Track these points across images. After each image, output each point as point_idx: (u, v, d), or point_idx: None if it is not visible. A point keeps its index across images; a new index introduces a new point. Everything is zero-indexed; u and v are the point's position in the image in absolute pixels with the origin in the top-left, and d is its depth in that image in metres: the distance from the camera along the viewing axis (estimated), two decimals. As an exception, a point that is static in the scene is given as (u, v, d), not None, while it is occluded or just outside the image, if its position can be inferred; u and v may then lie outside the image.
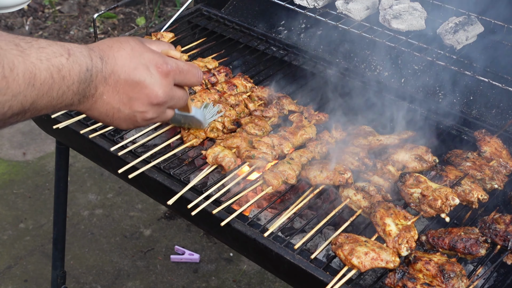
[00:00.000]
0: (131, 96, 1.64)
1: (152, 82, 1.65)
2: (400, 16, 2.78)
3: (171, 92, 1.71)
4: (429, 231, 2.04)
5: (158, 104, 1.69)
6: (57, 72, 1.45)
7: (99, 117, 1.66)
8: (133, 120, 1.70)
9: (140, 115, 1.69)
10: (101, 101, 1.62)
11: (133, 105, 1.66)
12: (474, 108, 2.62)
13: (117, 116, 1.67)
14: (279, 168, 2.28)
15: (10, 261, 4.04)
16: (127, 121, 1.70)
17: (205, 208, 2.17)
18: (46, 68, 1.42)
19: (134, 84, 1.63)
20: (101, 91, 1.60)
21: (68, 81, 1.48)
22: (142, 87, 1.64)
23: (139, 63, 1.64)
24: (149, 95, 1.66)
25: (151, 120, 1.73)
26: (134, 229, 4.27)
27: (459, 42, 2.64)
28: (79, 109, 1.60)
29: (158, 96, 1.67)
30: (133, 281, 3.92)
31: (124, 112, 1.66)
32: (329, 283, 1.92)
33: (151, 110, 1.70)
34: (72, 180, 4.62)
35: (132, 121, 1.71)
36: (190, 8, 3.32)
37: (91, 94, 1.58)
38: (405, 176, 2.18)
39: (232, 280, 3.94)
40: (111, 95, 1.62)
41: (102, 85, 1.59)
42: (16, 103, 1.38)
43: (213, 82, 2.72)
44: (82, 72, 1.51)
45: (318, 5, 2.96)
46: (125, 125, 1.71)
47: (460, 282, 1.86)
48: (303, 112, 2.59)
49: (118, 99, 1.64)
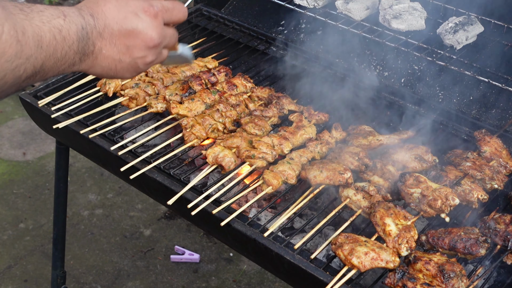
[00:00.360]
0: (128, 44, 1.71)
1: (145, 27, 1.72)
2: (400, 16, 2.78)
3: (163, 32, 1.78)
4: (429, 231, 2.04)
5: (154, 46, 1.76)
6: (59, 33, 1.52)
7: (102, 72, 1.73)
8: (135, 67, 1.77)
9: (141, 61, 1.76)
10: (101, 56, 1.68)
11: (133, 53, 1.73)
12: (474, 108, 2.62)
13: (120, 67, 1.74)
14: (279, 168, 2.28)
15: (10, 261, 4.04)
16: (130, 69, 1.77)
17: (205, 208, 2.17)
18: (48, 30, 1.49)
19: (128, 32, 1.70)
20: (99, 46, 1.67)
21: (68, 41, 1.55)
22: (136, 34, 1.71)
23: (128, 12, 1.71)
24: (145, 40, 1.73)
25: (151, 63, 1.80)
26: (134, 229, 4.27)
27: (459, 42, 2.64)
28: (82, 68, 1.67)
29: (153, 39, 1.74)
30: (133, 281, 3.92)
31: (126, 61, 1.73)
32: (329, 283, 1.92)
33: (149, 53, 1.77)
34: (72, 180, 4.62)
35: (134, 69, 1.78)
36: (190, 8, 3.32)
37: (90, 51, 1.64)
38: (405, 176, 2.18)
39: (232, 280, 3.94)
40: (109, 48, 1.69)
41: (98, 41, 1.66)
42: (29, 66, 1.46)
43: (213, 82, 2.72)
44: (79, 31, 1.58)
45: (318, 5, 2.96)
46: (128, 74, 1.78)
47: (460, 282, 1.86)
48: (303, 112, 2.59)
49: (116, 50, 1.70)
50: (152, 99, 2.60)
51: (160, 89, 2.66)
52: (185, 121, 2.47)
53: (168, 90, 2.63)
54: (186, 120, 2.47)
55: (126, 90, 2.64)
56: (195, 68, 2.81)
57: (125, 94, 2.63)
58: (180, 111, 2.53)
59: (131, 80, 2.70)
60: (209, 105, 2.59)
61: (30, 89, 2.77)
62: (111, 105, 2.63)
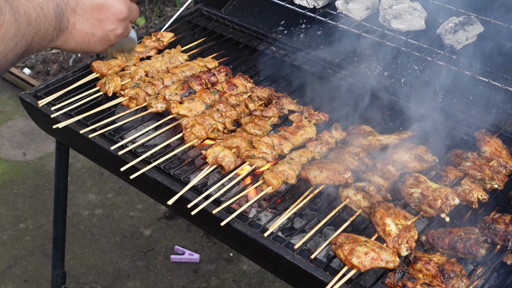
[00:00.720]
0: (100, 18, 1.85)
1: (114, 1, 1.86)
2: (400, 16, 2.78)
3: (130, 5, 1.93)
4: (429, 231, 2.04)
5: (124, 18, 1.91)
6: (41, 10, 1.63)
7: (76, 47, 1.84)
8: (106, 39, 1.91)
9: (112, 33, 1.90)
10: (75, 31, 1.80)
11: (104, 26, 1.87)
12: (474, 108, 2.62)
13: (93, 40, 1.87)
14: (279, 168, 2.28)
15: (10, 261, 4.04)
16: (102, 42, 1.90)
17: (205, 208, 2.17)
18: (33, 8, 1.60)
19: (99, 7, 1.83)
20: (73, 22, 1.79)
21: (48, 18, 1.67)
22: (107, 8, 1.85)
23: None
24: (115, 13, 1.88)
25: (121, 36, 1.95)
26: (134, 229, 4.27)
27: (459, 42, 2.64)
28: (58, 44, 1.77)
29: (123, 11, 1.89)
30: (133, 281, 3.92)
31: (98, 34, 1.86)
32: (329, 283, 1.92)
33: (119, 25, 1.91)
34: (72, 180, 4.62)
35: (106, 41, 1.91)
36: (190, 8, 3.32)
37: (65, 26, 1.76)
38: (405, 176, 2.18)
39: (232, 280, 3.94)
40: (82, 23, 1.81)
41: (72, 16, 1.78)
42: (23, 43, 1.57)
43: (213, 82, 2.72)
44: (55, 8, 1.70)
45: (318, 5, 2.96)
46: (100, 47, 1.91)
47: (460, 282, 1.86)
48: (303, 112, 2.59)
49: (89, 24, 1.83)
50: (152, 99, 2.60)
51: (160, 89, 2.66)
52: (185, 121, 2.47)
53: (168, 90, 2.63)
54: (186, 120, 2.47)
55: (126, 90, 2.65)
56: (195, 68, 2.81)
57: (125, 94, 2.63)
58: (180, 111, 2.53)
59: (131, 80, 2.70)
60: (209, 105, 2.59)
61: (30, 89, 2.77)
62: (111, 105, 2.63)
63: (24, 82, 5.44)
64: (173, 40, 3.01)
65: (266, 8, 3.26)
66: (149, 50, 2.93)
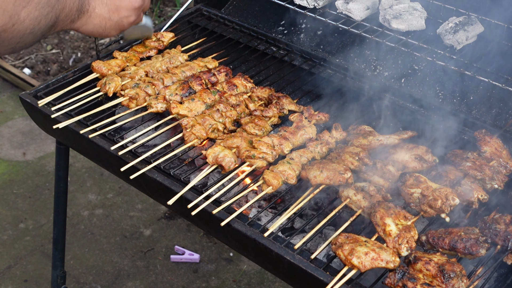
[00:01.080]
0: (118, 4, 2.05)
1: None
2: (400, 16, 2.78)
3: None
4: (429, 231, 2.04)
5: (138, 7, 2.11)
6: None
7: (93, 30, 2.01)
8: (120, 25, 2.10)
9: (126, 20, 2.10)
10: (94, 15, 1.96)
11: (120, 12, 2.06)
12: (474, 108, 2.62)
13: (109, 25, 2.04)
14: (279, 168, 2.28)
15: (10, 261, 4.04)
16: (116, 27, 2.08)
17: (205, 208, 2.17)
18: None
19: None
20: (93, 6, 1.95)
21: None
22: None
23: None
24: (131, 1, 2.09)
25: (133, 23, 2.15)
26: (134, 229, 4.28)
27: (459, 42, 2.64)
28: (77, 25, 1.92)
29: (138, 0, 2.11)
30: (133, 281, 3.92)
31: (114, 19, 2.05)
32: (329, 283, 1.92)
33: (133, 13, 2.11)
34: (72, 180, 4.62)
35: (119, 27, 2.10)
36: (190, 8, 3.32)
37: (86, 9, 1.91)
38: (405, 176, 2.18)
39: (232, 280, 3.94)
40: (101, 7, 1.99)
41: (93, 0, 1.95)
42: (53, 15, 1.70)
43: (213, 82, 2.72)
44: None
45: (318, 5, 2.96)
46: (114, 32, 2.09)
47: (460, 282, 1.86)
48: (303, 112, 2.59)
49: (107, 9, 2.01)
50: (152, 99, 2.60)
51: (160, 89, 2.66)
52: (185, 121, 2.47)
53: (168, 90, 2.63)
54: (186, 120, 2.47)
55: (126, 90, 2.65)
56: (195, 68, 2.81)
57: (125, 94, 2.63)
58: (180, 111, 2.53)
59: (131, 80, 2.70)
60: (209, 105, 2.59)
61: (30, 89, 2.77)
62: (111, 105, 2.63)
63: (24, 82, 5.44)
64: (173, 40, 3.01)
65: (266, 8, 3.26)
66: (149, 50, 2.93)
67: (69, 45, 5.98)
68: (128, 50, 2.92)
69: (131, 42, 2.94)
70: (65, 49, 5.94)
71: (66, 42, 6.03)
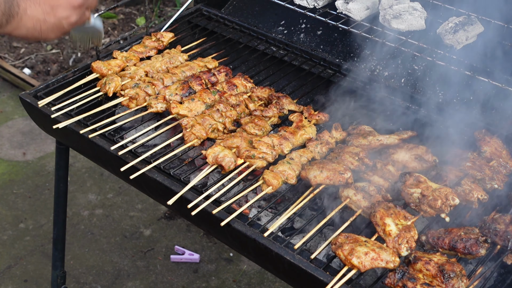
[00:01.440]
0: (53, 4, 1.79)
1: None
2: (400, 16, 2.77)
3: None
4: (429, 231, 2.04)
5: (79, 6, 1.85)
6: None
7: (27, 33, 1.78)
8: (59, 27, 1.84)
9: (66, 21, 1.83)
10: (26, 17, 1.75)
11: (57, 13, 1.80)
12: (474, 108, 2.62)
13: (45, 28, 1.80)
14: (279, 168, 2.28)
15: (10, 261, 4.04)
16: (55, 30, 1.84)
17: (205, 208, 2.17)
18: None
19: None
20: (24, 7, 1.74)
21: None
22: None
23: None
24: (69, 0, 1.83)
25: (75, 23, 1.88)
26: (134, 229, 4.27)
27: (459, 42, 2.64)
28: (8, 30, 1.73)
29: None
30: (133, 281, 3.92)
31: (50, 21, 1.80)
32: (329, 283, 1.92)
33: (73, 13, 1.84)
34: (72, 180, 4.61)
35: (59, 29, 1.84)
36: (190, 8, 3.32)
37: (15, 12, 1.72)
38: (405, 176, 2.18)
39: (232, 280, 3.94)
40: (33, 8, 1.76)
41: (23, 2, 1.74)
42: None
43: (213, 82, 2.72)
44: None
45: (318, 5, 2.96)
46: (53, 34, 1.84)
47: (460, 282, 1.86)
48: (303, 112, 2.59)
49: (41, 10, 1.77)
50: (152, 99, 2.60)
51: (160, 89, 2.66)
52: (185, 121, 2.47)
53: (168, 90, 2.63)
54: (186, 120, 2.47)
55: (126, 90, 2.65)
56: (195, 68, 2.81)
57: (125, 94, 2.63)
58: (180, 111, 2.53)
59: (131, 80, 2.70)
60: (209, 105, 2.59)
61: (30, 89, 2.77)
62: (111, 105, 2.63)
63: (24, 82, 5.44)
64: (173, 40, 3.01)
65: (266, 8, 3.26)
66: (149, 50, 2.93)
67: (69, 45, 5.98)
68: (128, 50, 2.92)
69: (85, 47, 2.83)
70: (65, 49, 5.94)
71: (66, 42, 6.03)
